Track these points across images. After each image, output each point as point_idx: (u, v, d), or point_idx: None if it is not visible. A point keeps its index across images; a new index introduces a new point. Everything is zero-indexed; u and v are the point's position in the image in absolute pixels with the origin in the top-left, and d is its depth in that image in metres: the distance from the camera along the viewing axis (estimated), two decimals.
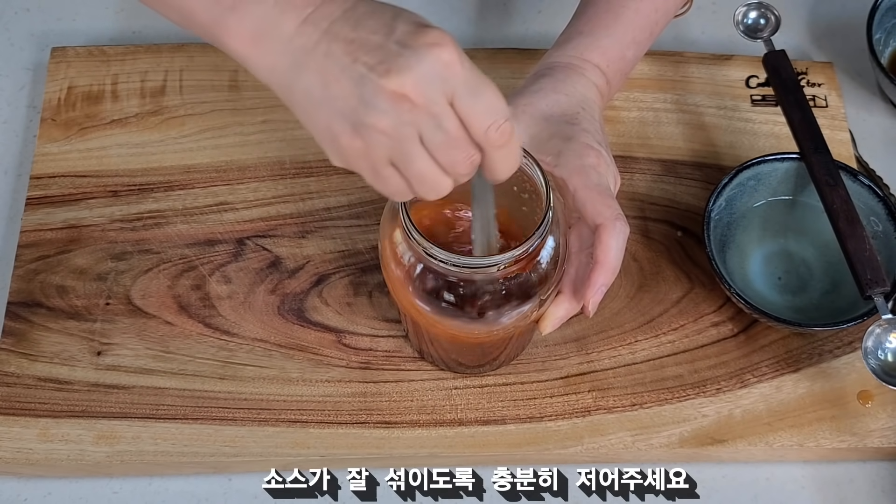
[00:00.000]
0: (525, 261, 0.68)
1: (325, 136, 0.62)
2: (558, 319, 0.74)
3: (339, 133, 0.61)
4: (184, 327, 0.83)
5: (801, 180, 0.86)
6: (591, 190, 0.72)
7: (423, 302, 0.70)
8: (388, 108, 0.59)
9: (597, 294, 0.70)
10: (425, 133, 0.60)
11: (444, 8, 1.02)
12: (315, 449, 0.79)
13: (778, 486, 0.81)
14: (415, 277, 0.70)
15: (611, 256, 0.70)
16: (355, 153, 0.62)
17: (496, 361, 0.81)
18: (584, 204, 0.71)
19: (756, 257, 0.87)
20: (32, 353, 0.81)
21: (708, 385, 0.82)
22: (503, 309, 0.70)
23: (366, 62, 0.59)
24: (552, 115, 0.76)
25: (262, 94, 0.92)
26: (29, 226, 0.86)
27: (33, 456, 0.78)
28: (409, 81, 0.58)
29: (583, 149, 0.73)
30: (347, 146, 0.61)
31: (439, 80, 0.59)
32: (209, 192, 0.88)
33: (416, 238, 0.66)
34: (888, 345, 0.77)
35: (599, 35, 0.80)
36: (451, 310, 0.70)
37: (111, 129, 0.91)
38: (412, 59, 0.58)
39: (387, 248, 0.71)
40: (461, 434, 0.79)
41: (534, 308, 0.71)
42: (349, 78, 0.60)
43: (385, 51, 0.59)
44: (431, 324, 0.73)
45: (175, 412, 0.80)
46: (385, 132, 0.60)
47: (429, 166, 0.61)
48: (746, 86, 0.95)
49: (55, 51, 0.94)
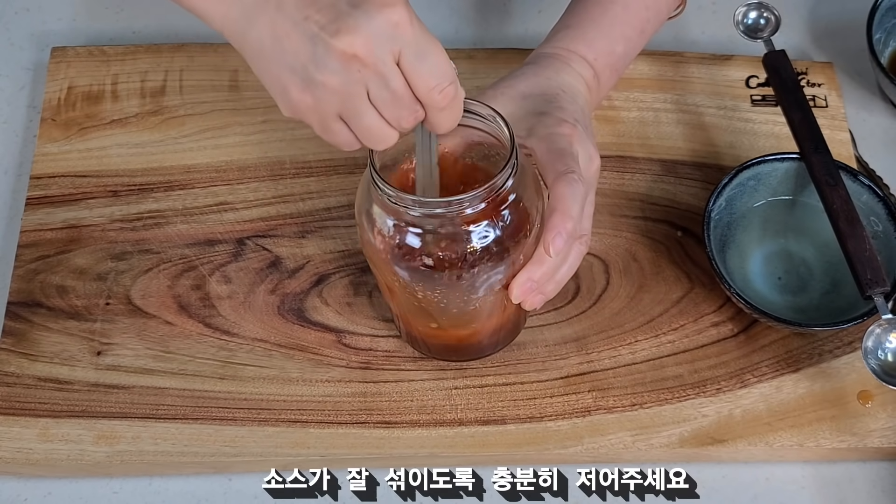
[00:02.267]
0: (490, 208, 0.68)
1: (276, 87, 0.65)
2: (525, 284, 0.72)
3: (289, 87, 0.63)
4: (184, 327, 0.83)
5: (801, 180, 0.86)
6: (552, 153, 0.72)
7: (401, 268, 0.71)
8: (338, 67, 0.61)
9: (556, 239, 0.69)
10: (373, 90, 0.62)
11: (443, 8, 1.02)
12: (315, 449, 0.79)
13: (778, 486, 0.81)
14: (392, 245, 0.70)
15: (565, 202, 0.69)
16: (305, 107, 0.64)
17: (485, 348, 0.81)
18: (544, 166, 0.72)
19: (756, 257, 0.87)
20: (32, 353, 0.81)
21: (708, 385, 0.82)
22: (478, 270, 0.70)
23: (317, 20, 0.61)
24: (531, 95, 0.77)
25: (263, 93, 0.91)
26: (29, 226, 0.86)
27: (33, 456, 0.78)
28: (358, 41, 0.60)
29: (555, 121, 0.74)
30: (297, 100, 0.64)
31: (388, 40, 0.61)
32: (209, 192, 0.88)
33: (382, 187, 0.67)
34: (888, 345, 0.77)
35: (586, 28, 0.81)
36: (428, 273, 0.70)
37: (111, 129, 0.91)
38: (362, 20, 0.60)
39: (363, 218, 0.72)
40: (461, 434, 0.79)
41: (509, 271, 0.71)
42: (300, 35, 0.62)
43: (336, 10, 0.61)
44: (415, 299, 0.73)
45: (175, 412, 0.80)
46: (335, 90, 0.62)
47: (374, 120, 0.64)
48: (746, 86, 0.95)
49: (55, 51, 0.94)
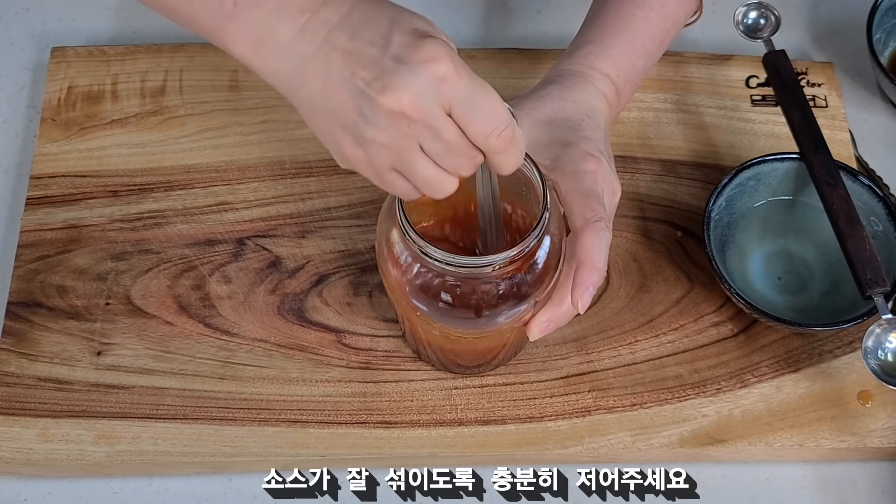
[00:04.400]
0: (521, 261, 0.68)
1: (330, 142, 0.64)
2: (544, 323, 0.73)
3: (342, 142, 0.63)
4: (184, 327, 0.83)
5: (801, 180, 0.86)
6: (580, 193, 0.71)
7: (420, 302, 0.70)
8: (386, 123, 0.60)
9: (584, 294, 0.69)
10: (425, 143, 0.61)
11: (443, 8, 1.02)
12: (315, 449, 0.79)
13: (778, 486, 0.81)
14: (411, 277, 0.70)
15: (593, 256, 0.69)
16: (358, 161, 0.63)
17: (493, 363, 0.81)
18: (570, 206, 0.71)
19: (756, 257, 0.87)
20: (32, 353, 0.81)
21: (708, 385, 0.82)
22: (499, 309, 0.70)
23: (363, 77, 0.60)
24: (556, 120, 0.76)
25: (262, 94, 0.92)
26: (29, 226, 0.86)
27: (33, 456, 0.78)
28: (405, 98, 0.59)
29: (581, 155, 0.73)
30: (350, 155, 0.63)
31: (435, 94, 0.59)
32: (209, 192, 0.88)
33: (411, 237, 0.66)
34: (888, 345, 0.77)
35: (609, 44, 0.80)
36: (448, 310, 0.70)
37: (111, 129, 0.91)
38: (407, 76, 0.59)
39: (384, 247, 0.71)
40: (461, 434, 0.79)
41: (529, 309, 0.71)
42: (348, 91, 0.61)
43: (381, 66, 0.60)
44: (428, 323, 0.73)
45: (175, 412, 0.80)
46: (385, 145, 0.61)
47: (432, 171, 0.62)
48: (746, 86, 0.95)
49: (55, 51, 0.94)
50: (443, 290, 0.69)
